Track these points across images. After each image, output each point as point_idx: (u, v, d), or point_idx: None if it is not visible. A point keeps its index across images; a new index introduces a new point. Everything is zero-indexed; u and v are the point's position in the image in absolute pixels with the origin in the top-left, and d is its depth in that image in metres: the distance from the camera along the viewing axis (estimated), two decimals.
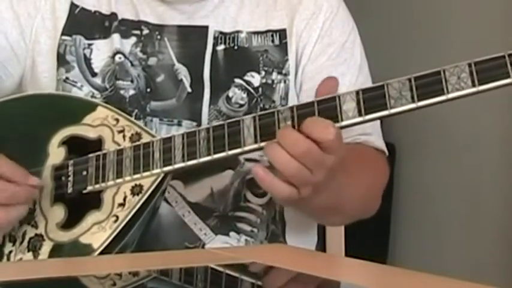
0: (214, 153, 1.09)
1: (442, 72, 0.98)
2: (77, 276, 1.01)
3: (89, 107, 1.22)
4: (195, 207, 1.27)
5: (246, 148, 1.07)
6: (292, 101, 1.30)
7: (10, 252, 1.19)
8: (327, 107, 1.02)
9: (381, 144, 1.33)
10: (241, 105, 1.27)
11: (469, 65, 0.97)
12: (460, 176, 2.62)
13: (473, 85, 0.97)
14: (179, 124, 1.26)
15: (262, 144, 1.06)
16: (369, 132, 1.28)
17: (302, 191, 1.02)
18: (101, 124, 1.20)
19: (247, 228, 1.30)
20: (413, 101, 0.99)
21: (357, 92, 1.02)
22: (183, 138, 1.12)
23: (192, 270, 1.04)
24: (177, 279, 1.01)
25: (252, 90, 1.28)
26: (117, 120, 1.20)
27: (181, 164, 1.11)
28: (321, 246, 1.44)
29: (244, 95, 1.28)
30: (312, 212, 1.20)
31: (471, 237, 2.60)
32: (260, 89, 1.28)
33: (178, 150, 1.12)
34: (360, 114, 1.01)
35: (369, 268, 1.06)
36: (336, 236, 1.45)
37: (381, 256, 2.61)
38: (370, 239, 2.21)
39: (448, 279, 0.95)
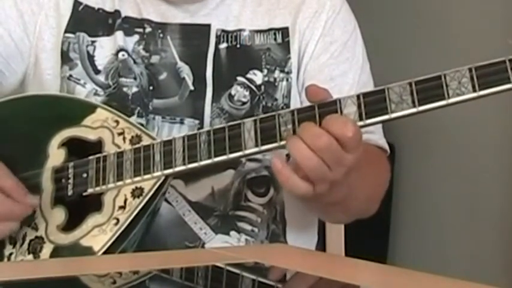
0: (215, 156, 1.09)
1: (442, 77, 0.98)
2: (77, 275, 1.01)
3: (88, 108, 1.22)
4: (195, 206, 1.27)
5: (247, 151, 1.07)
6: (295, 99, 1.30)
7: (10, 254, 1.19)
8: (328, 110, 1.02)
9: (383, 143, 1.33)
10: (244, 103, 1.27)
11: (470, 70, 0.97)
12: (460, 175, 2.62)
13: (474, 90, 0.97)
14: (181, 122, 1.27)
15: (263, 147, 1.06)
16: (372, 131, 1.28)
17: (318, 187, 1.02)
18: (101, 126, 1.20)
19: (248, 227, 1.30)
20: (414, 106, 0.99)
21: (358, 96, 1.02)
22: (183, 141, 1.12)
23: (193, 269, 1.04)
24: (178, 279, 1.01)
25: (254, 88, 1.28)
26: (117, 122, 1.19)
27: (182, 167, 1.11)
28: (321, 246, 1.44)
29: (247, 93, 1.28)
30: (320, 207, 1.20)
31: (471, 237, 2.60)
32: (262, 87, 1.28)
33: (179, 153, 1.11)
34: (361, 119, 1.01)
35: (369, 268, 1.06)
36: (336, 236, 1.45)
37: (381, 256, 2.61)
38: (370, 239, 2.21)
39: (448, 279, 0.95)
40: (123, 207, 1.13)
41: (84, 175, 1.18)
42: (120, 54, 1.29)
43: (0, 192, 1.12)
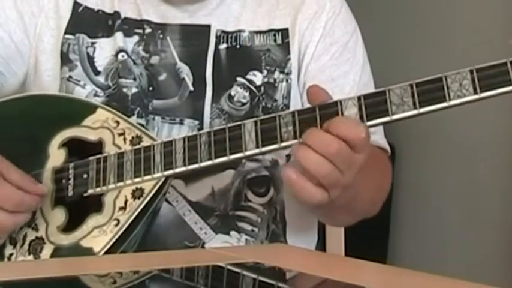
0: (216, 157, 1.08)
1: (443, 79, 0.98)
2: (78, 275, 1.01)
3: (88, 108, 1.22)
4: (195, 206, 1.27)
5: (248, 153, 1.07)
6: (295, 100, 1.30)
7: (11, 254, 1.19)
8: (329, 112, 1.02)
9: (384, 143, 1.33)
10: (244, 104, 1.28)
11: (471, 72, 0.97)
12: (460, 176, 2.62)
13: (475, 92, 0.96)
14: (181, 123, 1.27)
15: (264, 149, 1.06)
16: (373, 131, 1.26)
17: (332, 193, 1.01)
18: (101, 126, 1.20)
19: (248, 227, 1.30)
20: (415, 108, 0.99)
21: (359, 98, 1.02)
22: (184, 142, 1.11)
23: (194, 269, 1.04)
24: (178, 278, 1.01)
25: (254, 89, 1.28)
26: (118, 122, 1.19)
27: (183, 168, 1.11)
28: (321, 246, 1.44)
29: (247, 94, 1.28)
30: (326, 211, 1.18)
31: (471, 237, 2.60)
32: (262, 88, 1.29)
33: (179, 154, 1.11)
34: (362, 120, 1.01)
35: (369, 268, 1.06)
36: (336, 236, 1.45)
37: (381, 256, 2.61)
38: (370, 239, 2.21)
39: (447, 279, 0.95)
40: (123, 208, 1.13)
41: (85, 176, 1.18)
42: (119, 55, 1.29)
43: (10, 184, 1.12)
